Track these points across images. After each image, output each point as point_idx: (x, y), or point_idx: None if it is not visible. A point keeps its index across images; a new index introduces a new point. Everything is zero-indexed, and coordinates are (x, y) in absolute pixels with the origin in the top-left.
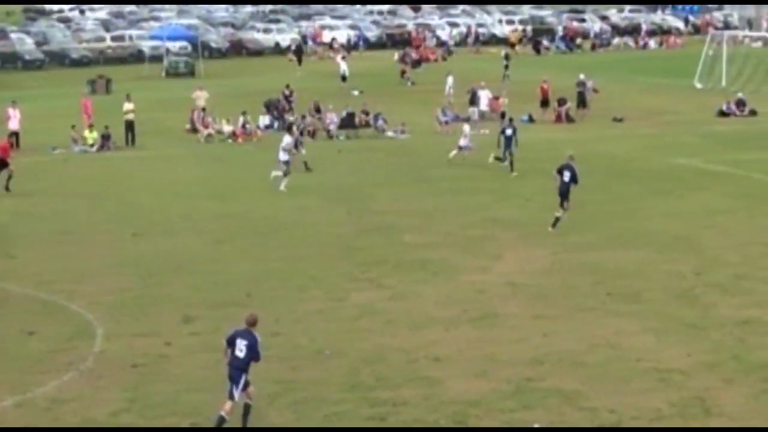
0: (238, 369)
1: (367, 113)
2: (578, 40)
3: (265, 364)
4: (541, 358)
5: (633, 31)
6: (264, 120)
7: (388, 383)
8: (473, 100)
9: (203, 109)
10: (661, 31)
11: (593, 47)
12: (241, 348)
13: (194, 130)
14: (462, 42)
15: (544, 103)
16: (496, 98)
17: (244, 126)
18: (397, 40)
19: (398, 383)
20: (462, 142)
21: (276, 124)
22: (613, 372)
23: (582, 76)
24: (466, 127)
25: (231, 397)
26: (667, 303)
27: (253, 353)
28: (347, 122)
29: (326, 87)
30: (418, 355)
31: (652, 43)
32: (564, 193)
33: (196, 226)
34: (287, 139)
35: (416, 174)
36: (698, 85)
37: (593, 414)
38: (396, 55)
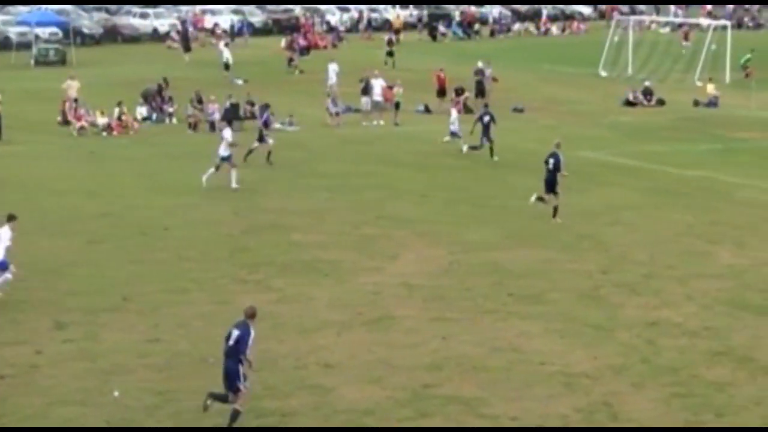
0: (233, 360)
1: (252, 104)
2: (476, 26)
3: (143, 372)
4: (439, 363)
5: (534, 16)
6: (141, 111)
7: (276, 392)
8: (366, 90)
9: (75, 100)
10: (563, 17)
11: (492, 33)
12: (234, 338)
13: (66, 122)
14: (354, 28)
15: (441, 92)
16: (389, 87)
17: (120, 118)
18: (284, 26)
19: (287, 392)
20: (453, 127)
21: (154, 116)
22: (516, 377)
23: (480, 64)
24: (454, 112)
25: (235, 392)
26: (571, 304)
27: (241, 344)
28: (231, 114)
29: (208, 76)
30: (307, 361)
31: (555, 29)
32: (550, 182)
33: (69, 225)
34: (227, 133)
35: (307, 169)
36: (603, 74)
37: (494, 421)
38: (283, 42)
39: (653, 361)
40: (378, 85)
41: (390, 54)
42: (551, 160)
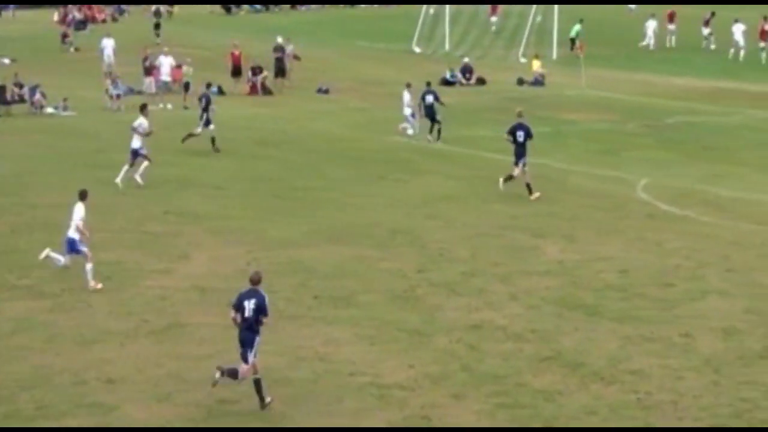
0: (249, 330)
1: (20, 86)
2: None
3: None
4: None
5: None
6: None
7: (52, 411)
8: (150, 69)
9: None
10: None
11: (293, 4)
12: (250, 309)
13: None
14: None
15: (236, 72)
16: (178, 66)
17: None
18: None
19: (63, 411)
20: (407, 111)
21: None
22: (323, 389)
23: (280, 40)
24: (407, 95)
25: (245, 360)
26: (384, 306)
27: (261, 311)
28: None
29: None
30: (87, 376)
31: None
32: (522, 154)
33: None
34: (141, 122)
35: (85, 159)
36: (417, 50)
37: None
38: (56, 15)
39: (475, 368)
40: (166, 63)
41: (157, 26)
42: (520, 132)
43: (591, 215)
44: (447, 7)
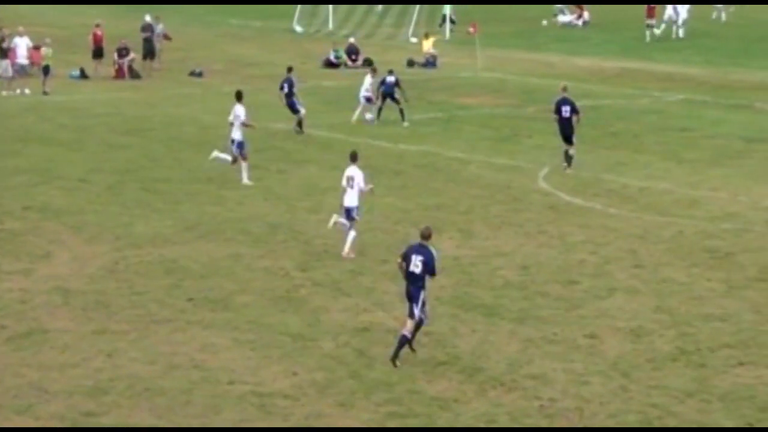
0: (415, 286)
1: None
2: None
3: None
4: (104, 386)
5: None
6: None
7: None
8: (5, 51)
9: None
10: None
11: None
12: (416, 264)
13: None
14: None
15: (98, 53)
16: (36, 48)
17: None
18: None
19: None
20: (366, 93)
21: None
22: (199, 400)
23: (149, 18)
24: (368, 78)
25: (411, 315)
26: (265, 308)
27: (428, 268)
28: None
29: None
30: None
31: None
32: (569, 130)
33: None
34: (239, 111)
35: None
36: (298, 29)
37: None
38: None
39: (364, 375)
40: (22, 45)
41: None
42: (566, 107)
43: (488, 208)
44: None
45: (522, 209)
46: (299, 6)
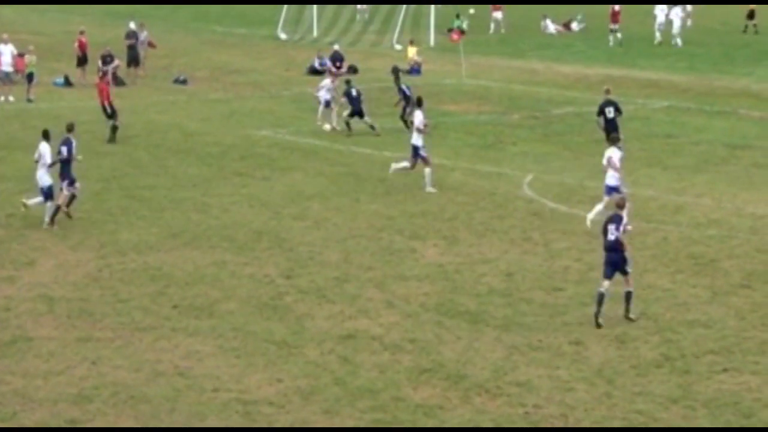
0: (614, 251)
1: None
2: None
3: None
4: (88, 394)
5: None
6: None
7: None
8: None
9: None
10: None
11: None
12: (612, 232)
13: None
14: None
15: (82, 60)
16: (20, 55)
17: None
18: None
19: None
20: (327, 95)
21: None
22: (184, 407)
23: (133, 26)
24: (327, 81)
25: (625, 273)
26: (250, 316)
27: (618, 228)
28: None
29: None
30: None
31: None
32: (614, 130)
33: None
34: (418, 115)
35: None
36: (283, 36)
37: None
38: None
39: (349, 382)
40: (6, 52)
41: None
42: (610, 108)
43: (472, 215)
44: None
45: (506, 216)
46: (283, 13)
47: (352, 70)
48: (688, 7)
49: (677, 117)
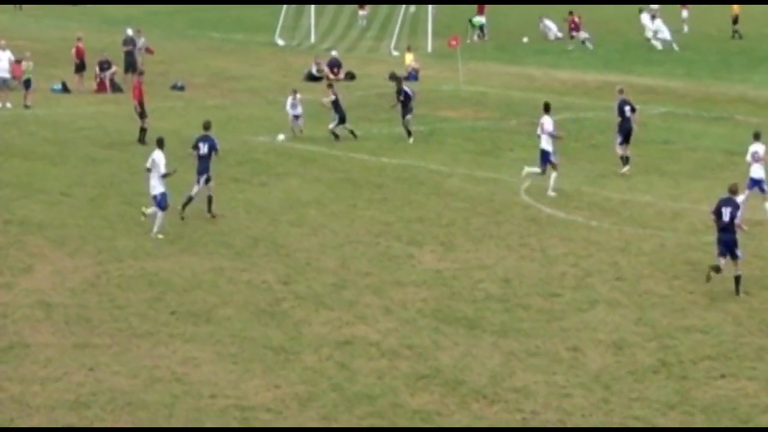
0: (726, 231)
1: None
2: None
3: None
4: (85, 400)
5: None
6: None
7: None
8: None
9: None
10: None
11: None
12: (726, 214)
13: None
14: None
15: (80, 67)
16: (17, 61)
17: None
18: None
19: None
20: (296, 110)
21: None
22: (181, 413)
23: (130, 32)
24: (290, 99)
25: (724, 255)
26: (247, 322)
27: (734, 216)
28: None
29: None
30: None
31: None
32: (629, 130)
33: None
34: (546, 121)
35: None
36: (280, 42)
37: None
38: None
39: (347, 388)
40: (4, 58)
41: None
42: (626, 108)
43: (470, 221)
44: None
45: (503, 222)
46: (281, 19)
47: (350, 76)
48: (684, 12)
49: (674, 123)
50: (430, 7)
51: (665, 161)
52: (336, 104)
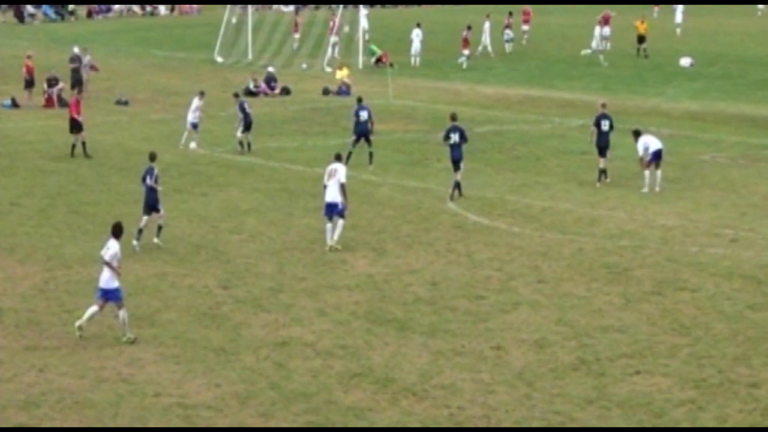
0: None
1: None
2: (71, 6)
3: None
4: (35, 400)
5: None
6: None
7: None
8: None
9: None
10: None
11: (89, 14)
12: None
13: None
14: None
15: (29, 83)
16: None
17: None
18: None
19: None
20: (195, 118)
21: None
22: (126, 412)
23: (77, 50)
24: (196, 100)
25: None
26: (189, 324)
27: None
28: None
29: None
30: None
31: (163, 9)
32: (605, 144)
33: None
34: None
35: None
36: (219, 59)
37: None
38: None
39: (283, 386)
40: None
41: None
42: (605, 122)
43: (400, 227)
44: (249, 14)
45: (431, 229)
46: (220, 38)
47: (285, 91)
48: (606, 29)
49: None
50: (361, 26)
51: (583, 171)
52: (244, 112)
